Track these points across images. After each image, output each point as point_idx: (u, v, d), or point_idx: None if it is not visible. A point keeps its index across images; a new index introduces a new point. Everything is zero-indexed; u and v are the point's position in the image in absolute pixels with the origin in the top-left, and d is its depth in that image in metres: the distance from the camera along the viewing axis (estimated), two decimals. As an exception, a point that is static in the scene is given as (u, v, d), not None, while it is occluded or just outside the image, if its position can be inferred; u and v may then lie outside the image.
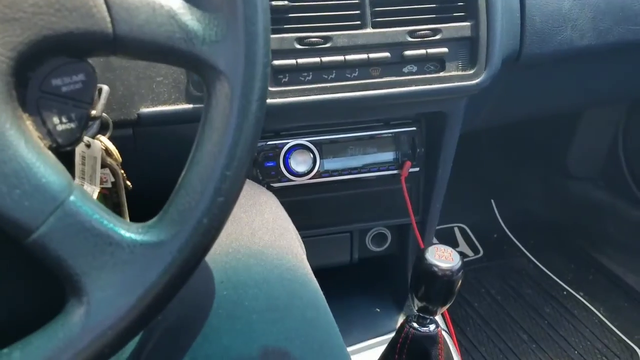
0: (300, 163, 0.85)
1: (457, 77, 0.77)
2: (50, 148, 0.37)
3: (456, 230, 1.65)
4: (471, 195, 1.68)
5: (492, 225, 1.66)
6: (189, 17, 0.37)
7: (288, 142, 0.84)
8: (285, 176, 0.85)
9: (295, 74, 0.73)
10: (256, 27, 0.38)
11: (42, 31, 0.34)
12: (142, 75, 0.65)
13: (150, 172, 0.66)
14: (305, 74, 0.74)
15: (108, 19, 0.36)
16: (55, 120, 0.38)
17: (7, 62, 0.34)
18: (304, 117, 0.81)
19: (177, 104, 0.67)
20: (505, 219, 1.68)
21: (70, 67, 0.38)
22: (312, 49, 0.72)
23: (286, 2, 0.70)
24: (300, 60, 0.72)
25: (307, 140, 0.85)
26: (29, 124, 0.36)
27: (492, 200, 1.71)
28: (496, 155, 1.73)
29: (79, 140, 0.40)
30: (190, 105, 0.68)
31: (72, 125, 0.39)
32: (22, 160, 0.34)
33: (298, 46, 0.72)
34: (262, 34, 0.39)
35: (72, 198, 0.35)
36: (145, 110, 0.66)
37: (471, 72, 0.77)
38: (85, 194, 0.36)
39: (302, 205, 0.88)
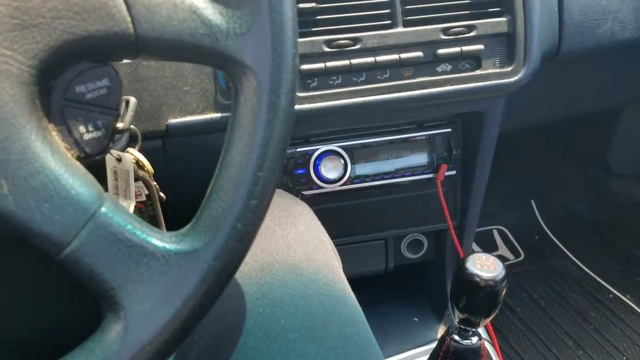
0: (331, 169, 0.83)
1: (494, 75, 0.74)
2: (78, 158, 0.37)
3: (495, 232, 1.60)
4: (510, 196, 1.64)
5: (533, 227, 1.61)
6: (211, 12, 0.36)
7: (318, 148, 0.82)
8: (316, 183, 0.83)
9: (324, 78, 0.72)
10: (282, 16, 0.36)
11: (62, 36, 0.34)
12: (169, 85, 0.64)
13: (181, 183, 0.65)
14: (335, 77, 0.72)
15: (128, 19, 0.34)
16: (82, 129, 0.37)
17: (28, 71, 0.33)
18: (334, 122, 0.79)
19: (206, 113, 0.66)
20: (546, 219, 1.63)
21: (94, 72, 0.37)
22: (341, 52, 0.70)
23: (314, 4, 0.69)
24: (329, 64, 0.70)
25: (337, 146, 0.83)
26: (54, 134, 0.35)
27: (532, 201, 1.66)
28: (534, 154, 1.69)
29: (107, 148, 0.39)
30: (219, 114, 0.67)
31: (99, 133, 0.38)
32: (49, 172, 0.33)
33: (327, 49, 0.70)
34: (289, 23, 0.37)
35: (103, 209, 0.34)
36: (173, 120, 0.65)
37: (509, 69, 0.74)
38: (116, 204, 0.35)
39: (334, 212, 0.86)
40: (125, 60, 0.41)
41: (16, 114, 0.33)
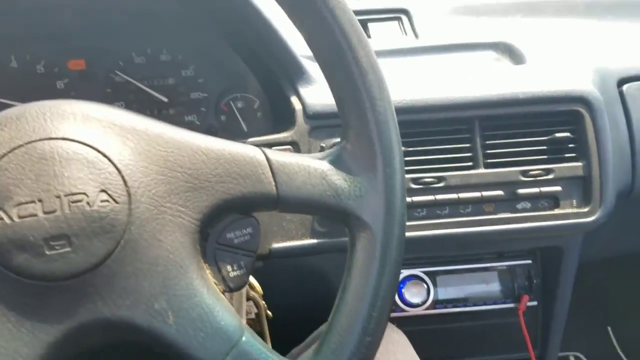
0: (414, 294, 0.86)
1: (572, 215, 0.78)
2: (222, 292, 0.44)
3: (572, 359, 1.54)
4: (586, 321, 1.59)
5: (610, 354, 1.54)
6: (337, 177, 0.44)
7: (402, 273, 0.86)
8: (399, 306, 0.86)
9: (410, 211, 0.77)
10: (394, 181, 0.45)
11: (222, 196, 0.42)
12: (274, 214, 0.72)
13: (278, 299, 0.71)
14: (420, 210, 0.78)
15: (273, 183, 0.43)
16: (229, 268, 0.45)
17: (195, 223, 0.42)
18: (418, 250, 0.84)
19: (304, 239, 0.73)
20: (623, 347, 1.55)
21: (241, 222, 0.45)
22: (426, 188, 0.77)
23: (403, 148, 0.76)
24: (415, 199, 0.76)
25: (420, 271, 0.87)
26: (208, 272, 0.43)
27: (609, 327, 1.60)
28: (610, 280, 1.65)
29: (245, 283, 0.47)
30: (315, 240, 0.74)
31: (242, 271, 0.46)
32: (205, 305, 0.40)
33: (413, 186, 0.76)
34: (399, 187, 0.45)
35: (244, 338, 0.41)
36: (276, 245, 0.72)
37: (586, 209, 0.78)
38: (253, 334, 0.42)
39: (415, 335, 0.89)
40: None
41: (183, 257, 0.41)
